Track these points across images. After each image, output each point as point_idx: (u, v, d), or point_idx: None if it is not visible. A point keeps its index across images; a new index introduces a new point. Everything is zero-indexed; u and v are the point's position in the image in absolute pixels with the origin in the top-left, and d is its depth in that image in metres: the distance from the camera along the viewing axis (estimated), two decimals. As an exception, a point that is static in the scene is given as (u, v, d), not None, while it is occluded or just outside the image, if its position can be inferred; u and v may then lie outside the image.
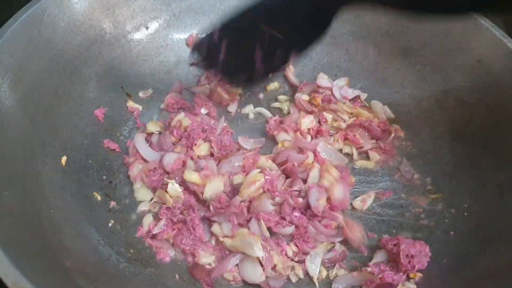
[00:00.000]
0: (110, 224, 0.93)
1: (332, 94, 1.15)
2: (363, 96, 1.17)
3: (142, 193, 0.99)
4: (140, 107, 1.13)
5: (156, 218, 0.95)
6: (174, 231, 0.93)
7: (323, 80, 1.18)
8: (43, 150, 0.90)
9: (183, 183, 0.95)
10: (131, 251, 0.90)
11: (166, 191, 0.94)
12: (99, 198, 0.96)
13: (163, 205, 0.95)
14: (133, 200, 0.98)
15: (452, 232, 0.92)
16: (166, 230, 0.92)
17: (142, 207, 0.97)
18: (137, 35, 1.15)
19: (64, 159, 0.94)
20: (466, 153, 0.99)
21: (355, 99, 1.17)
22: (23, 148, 0.85)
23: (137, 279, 0.85)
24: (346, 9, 0.88)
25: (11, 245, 0.66)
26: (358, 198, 1.01)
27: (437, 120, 1.07)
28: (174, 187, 0.94)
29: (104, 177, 1.00)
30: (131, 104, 1.12)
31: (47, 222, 0.80)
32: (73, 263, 0.77)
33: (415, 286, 0.85)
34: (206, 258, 0.90)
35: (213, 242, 0.92)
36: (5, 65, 0.85)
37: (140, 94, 1.15)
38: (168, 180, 0.94)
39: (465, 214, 0.93)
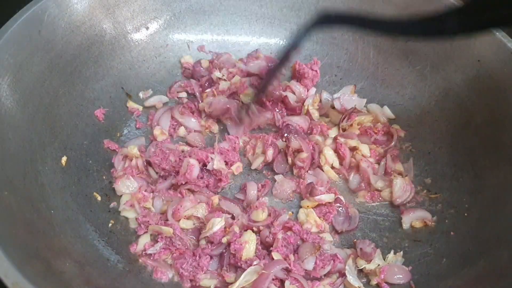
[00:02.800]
0: (110, 225, 0.93)
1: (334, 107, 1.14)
2: (362, 102, 1.14)
3: (128, 212, 0.94)
4: (140, 107, 1.13)
5: (154, 239, 0.91)
6: (174, 254, 0.88)
7: (324, 94, 1.17)
8: (43, 150, 0.90)
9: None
10: (131, 251, 0.90)
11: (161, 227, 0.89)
12: (99, 198, 0.96)
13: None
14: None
15: (452, 233, 0.92)
16: (164, 251, 0.88)
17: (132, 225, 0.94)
18: (137, 36, 1.15)
19: (64, 159, 0.94)
20: (466, 153, 0.99)
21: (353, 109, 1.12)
22: (23, 148, 0.85)
23: (136, 279, 0.85)
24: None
25: (11, 245, 0.66)
26: (358, 198, 1.02)
27: (437, 120, 1.07)
28: (184, 222, 0.90)
29: (104, 177, 1.00)
30: (131, 104, 1.12)
31: (47, 222, 0.81)
32: (73, 263, 0.77)
33: None
34: (207, 281, 0.85)
35: (219, 269, 0.88)
36: (5, 65, 0.85)
37: (140, 94, 1.15)
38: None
39: (465, 214, 0.93)
